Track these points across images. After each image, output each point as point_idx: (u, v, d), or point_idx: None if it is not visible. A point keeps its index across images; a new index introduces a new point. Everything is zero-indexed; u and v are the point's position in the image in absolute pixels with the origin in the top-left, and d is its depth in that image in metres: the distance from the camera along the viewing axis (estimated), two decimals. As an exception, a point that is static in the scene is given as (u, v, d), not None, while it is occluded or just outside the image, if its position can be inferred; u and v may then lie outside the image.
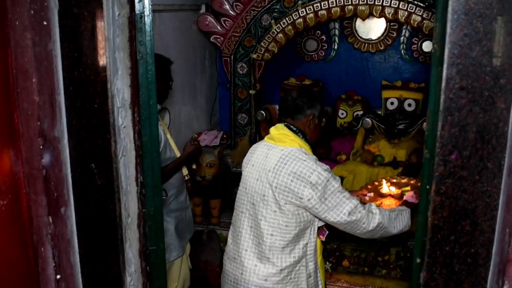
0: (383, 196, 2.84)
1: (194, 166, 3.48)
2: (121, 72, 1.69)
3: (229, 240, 2.54)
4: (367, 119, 4.08)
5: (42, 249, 1.67)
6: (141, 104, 1.82)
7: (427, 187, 1.62)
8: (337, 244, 4.12)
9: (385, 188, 2.89)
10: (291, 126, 2.38)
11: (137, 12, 1.75)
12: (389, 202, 2.76)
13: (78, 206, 1.74)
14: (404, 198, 2.70)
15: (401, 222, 2.42)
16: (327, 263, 4.03)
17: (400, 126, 4.06)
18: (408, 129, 4.04)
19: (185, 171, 3.21)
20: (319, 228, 2.37)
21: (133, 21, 1.74)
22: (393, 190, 2.87)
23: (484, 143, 1.36)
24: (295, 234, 2.30)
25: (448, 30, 1.33)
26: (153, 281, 1.98)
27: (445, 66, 1.35)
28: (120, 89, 1.68)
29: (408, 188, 2.86)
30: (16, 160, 1.60)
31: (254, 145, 2.55)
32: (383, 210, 2.34)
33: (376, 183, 2.98)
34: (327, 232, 2.43)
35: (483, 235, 1.42)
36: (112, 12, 1.62)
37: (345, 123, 4.39)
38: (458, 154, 1.38)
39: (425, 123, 3.87)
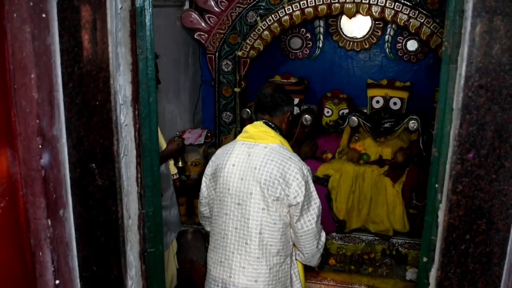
0: None
1: (180, 164, 3.41)
2: (123, 68, 1.62)
3: (211, 244, 2.46)
4: (353, 117, 4.07)
5: (40, 253, 1.59)
6: (140, 101, 1.75)
7: (436, 185, 1.61)
8: (323, 242, 4.10)
9: None
10: (270, 123, 2.40)
11: (137, 5, 1.69)
12: None
13: (76, 208, 1.67)
14: None
15: (318, 258, 2.58)
16: (314, 261, 4.01)
17: (386, 125, 4.07)
18: (393, 128, 4.05)
19: (173, 169, 3.15)
20: None
21: (134, 15, 1.67)
22: None
23: (502, 141, 1.35)
24: (282, 231, 2.30)
25: (468, 27, 1.31)
26: (152, 284, 1.92)
27: (464, 64, 1.34)
28: (122, 85, 1.61)
29: None
30: (13, 160, 1.51)
31: (226, 146, 2.49)
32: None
33: None
34: None
35: (499, 234, 1.42)
36: (114, 5, 1.55)
37: (330, 121, 4.38)
38: (476, 153, 1.37)
39: (411, 122, 3.92)
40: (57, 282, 1.61)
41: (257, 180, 2.25)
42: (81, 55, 1.54)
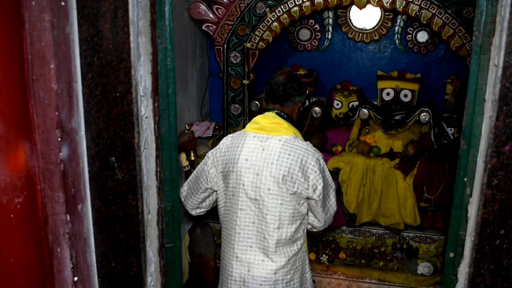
0: None
1: (192, 158, 3.37)
2: (143, 58, 1.57)
3: (225, 239, 2.39)
4: (364, 109, 4.02)
5: (58, 249, 1.55)
6: (159, 93, 1.70)
7: (464, 179, 1.56)
8: (332, 236, 4.07)
9: None
10: (282, 114, 2.33)
11: (157, -6, 1.63)
12: None
13: (95, 202, 1.62)
14: None
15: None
16: (324, 255, 3.98)
17: (397, 117, 4.02)
18: (404, 120, 3.99)
19: (185, 162, 3.10)
20: None
21: (154, 3, 1.62)
22: None
23: (541, 133, 1.30)
24: (299, 222, 2.28)
25: (506, 15, 1.26)
26: (170, 280, 1.88)
27: (502, 53, 1.28)
28: (142, 76, 1.56)
29: None
30: (31, 154, 1.47)
31: (235, 138, 2.36)
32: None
33: None
34: None
35: (535, 230, 1.37)
36: (135, -7, 1.49)
37: (340, 113, 4.32)
38: (513, 146, 1.32)
39: (422, 114, 3.87)
40: (76, 279, 1.57)
41: (274, 176, 2.19)
42: (101, 44, 1.49)
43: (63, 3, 1.43)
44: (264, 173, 2.21)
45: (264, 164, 2.21)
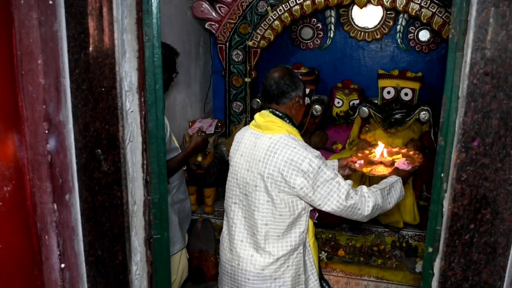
0: (373, 163, 2.76)
1: (200, 158, 3.42)
2: (129, 55, 1.63)
3: (224, 231, 2.49)
4: (364, 108, 4.05)
5: (46, 237, 1.62)
6: (147, 88, 1.76)
7: (442, 175, 1.60)
8: (332, 233, 4.10)
9: (378, 155, 2.81)
10: (277, 112, 2.31)
11: (144, -7, 1.69)
12: (380, 169, 2.69)
13: (82, 193, 1.69)
14: (396, 165, 2.64)
15: (394, 195, 2.39)
16: (323, 252, 4.02)
17: (397, 116, 4.04)
18: (405, 119, 4.02)
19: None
20: (310, 210, 2.36)
21: (140, 2, 1.67)
22: (385, 157, 2.80)
23: (508, 130, 1.33)
24: (289, 222, 2.28)
25: (473, 13, 1.30)
26: (157, 271, 1.94)
27: (469, 51, 1.32)
28: (128, 72, 1.62)
29: (400, 156, 2.80)
30: (20, 145, 1.54)
31: (240, 132, 2.46)
32: (374, 190, 2.29)
33: (367, 152, 2.90)
34: (317, 213, 2.41)
35: (504, 224, 1.40)
36: (120, -8, 1.55)
37: (341, 112, 4.36)
38: (481, 141, 1.35)
39: (422, 113, 3.89)
40: (63, 265, 1.64)
41: (260, 173, 2.23)
42: (88, 41, 1.55)
43: (51, 2, 1.49)
44: (253, 169, 2.25)
45: (254, 161, 2.25)
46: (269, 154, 2.21)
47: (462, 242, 1.44)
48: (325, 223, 4.05)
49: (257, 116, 2.38)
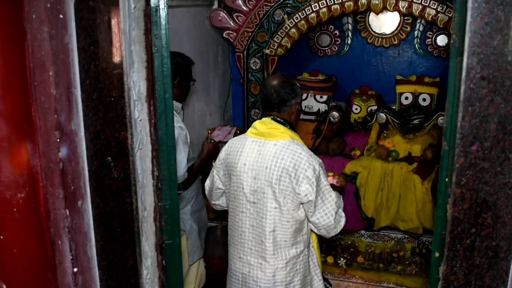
0: None
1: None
2: (137, 65, 1.68)
3: (230, 239, 2.51)
4: (381, 114, 4.05)
5: (59, 242, 1.68)
6: (156, 97, 1.81)
7: (446, 179, 1.60)
8: (351, 240, 4.10)
9: None
10: (278, 119, 2.35)
11: (152, 5, 1.74)
12: None
13: (94, 199, 1.74)
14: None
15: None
16: (342, 259, 4.01)
17: (415, 121, 4.02)
18: (423, 124, 4.00)
19: None
20: None
21: (149, 14, 1.73)
22: None
23: (506, 134, 1.34)
24: (296, 227, 2.32)
25: (469, 19, 1.31)
26: (170, 276, 1.98)
27: (465, 55, 1.33)
28: (136, 82, 1.67)
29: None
30: (34, 153, 1.60)
31: (236, 142, 2.45)
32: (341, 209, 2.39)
33: None
34: None
35: (505, 228, 1.40)
36: (127, 5, 1.61)
37: (359, 118, 4.35)
38: (479, 145, 1.36)
39: (440, 118, 3.86)
40: (75, 269, 1.70)
41: (267, 180, 2.26)
42: (97, 53, 1.62)
43: (61, 16, 1.56)
44: (260, 177, 2.28)
45: (260, 168, 2.28)
46: (275, 160, 2.24)
47: (463, 246, 1.44)
48: (344, 229, 4.04)
49: (257, 124, 2.40)
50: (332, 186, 2.57)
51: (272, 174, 2.24)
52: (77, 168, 1.68)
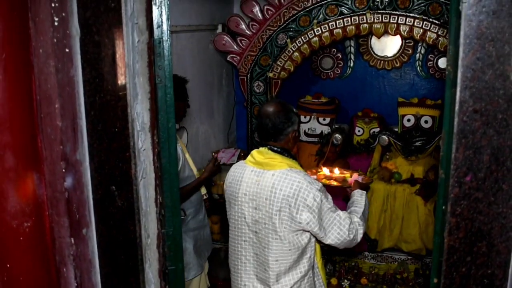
0: (325, 178, 2.88)
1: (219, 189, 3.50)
2: (141, 97, 1.73)
3: (232, 268, 2.52)
4: (383, 136, 4.08)
5: (64, 269, 1.71)
6: (160, 127, 1.86)
7: (443, 207, 1.63)
8: (355, 261, 4.10)
9: (326, 170, 2.97)
10: (275, 148, 2.35)
11: (156, 37, 1.80)
12: (335, 183, 2.82)
13: (99, 227, 1.78)
14: (352, 179, 2.75)
15: (367, 210, 2.49)
16: (345, 280, 4.01)
17: (417, 143, 4.06)
18: (425, 146, 4.03)
19: (203, 190, 3.24)
20: None
21: (152, 46, 1.78)
22: (336, 174, 2.94)
23: (499, 165, 1.37)
24: (298, 254, 2.32)
25: (461, 54, 1.35)
26: (172, 301, 2.01)
27: (458, 89, 1.37)
28: (139, 113, 1.72)
29: (348, 174, 2.90)
30: (40, 183, 1.65)
31: (237, 169, 2.47)
32: (359, 217, 2.36)
33: (314, 171, 3.01)
34: None
35: (500, 256, 1.43)
36: (132, 39, 1.67)
37: (361, 140, 4.39)
38: (473, 176, 1.39)
39: (441, 140, 3.88)
40: (80, 297, 1.73)
41: (268, 211, 2.27)
42: (102, 85, 1.67)
43: (67, 50, 1.61)
44: (261, 208, 2.29)
45: (260, 199, 2.29)
46: (274, 191, 2.24)
47: (460, 274, 1.46)
48: (347, 251, 4.06)
49: (255, 153, 2.41)
50: (357, 183, 2.62)
51: (272, 205, 2.25)
52: (82, 197, 1.72)
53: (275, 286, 2.33)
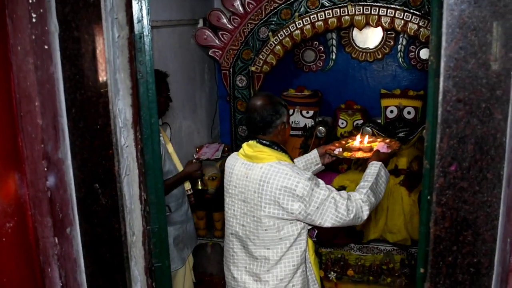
0: (351, 150, 2.88)
1: (199, 187, 3.48)
2: (122, 93, 1.71)
3: (225, 260, 2.55)
4: (367, 128, 4.10)
5: (49, 269, 1.68)
6: (142, 123, 1.84)
7: (428, 197, 1.64)
8: (341, 253, 4.12)
9: (356, 142, 2.95)
10: (264, 141, 2.35)
11: (136, 32, 1.77)
12: (359, 154, 2.81)
13: (83, 226, 1.76)
14: (376, 148, 2.74)
15: (382, 183, 2.45)
16: (332, 272, 4.03)
17: (400, 134, 4.08)
18: (408, 137, 4.05)
19: (187, 185, 3.22)
20: (309, 229, 2.39)
21: (133, 41, 1.76)
22: (364, 144, 2.94)
23: (483, 154, 1.38)
24: (289, 244, 2.32)
25: (444, 43, 1.35)
26: (159, 298, 2.00)
27: (441, 79, 1.37)
28: (121, 109, 1.70)
29: (376, 143, 2.90)
30: (21, 183, 1.61)
31: (230, 161, 2.48)
32: (365, 192, 2.32)
33: (343, 142, 3.02)
34: (316, 231, 2.45)
35: (485, 245, 1.44)
36: (112, 34, 1.64)
37: (345, 132, 4.40)
38: (458, 166, 1.40)
39: (425, 131, 3.91)
40: (66, 297, 1.71)
41: (256, 203, 2.27)
42: (82, 82, 1.64)
43: (46, 47, 1.58)
44: (249, 200, 2.29)
45: (249, 192, 2.29)
46: (262, 184, 2.24)
47: (446, 263, 1.47)
48: (334, 243, 4.07)
49: (245, 146, 2.41)
50: (376, 153, 2.60)
51: (260, 198, 2.25)
52: (65, 196, 1.69)
53: (266, 276, 2.32)
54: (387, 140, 2.86)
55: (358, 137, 2.99)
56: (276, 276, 2.33)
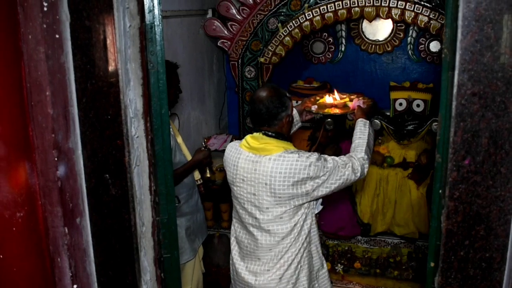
0: (326, 107, 2.98)
1: (208, 175, 3.48)
2: (133, 83, 1.70)
3: (233, 250, 2.55)
4: (376, 120, 4.07)
5: (59, 259, 1.69)
6: (153, 113, 1.83)
7: (440, 191, 1.63)
8: (348, 246, 4.12)
9: (328, 99, 3.07)
10: (270, 133, 2.34)
11: (147, 22, 1.77)
12: (337, 111, 2.93)
13: (93, 216, 1.76)
14: (353, 105, 2.85)
15: (371, 139, 2.59)
16: (339, 264, 4.03)
17: (409, 127, 4.06)
18: (417, 130, 4.03)
19: (197, 175, 3.22)
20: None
21: (144, 31, 1.75)
22: (337, 99, 3.06)
23: (497, 148, 1.36)
24: (296, 233, 2.34)
25: (459, 36, 1.34)
26: (168, 288, 2.00)
27: (456, 72, 1.36)
28: (132, 99, 1.69)
29: (347, 99, 3.02)
30: (32, 172, 1.61)
31: (231, 153, 2.46)
32: (363, 149, 2.46)
33: (313, 99, 3.11)
34: (322, 206, 2.50)
35: (498, 240, 1.43)
36: (123, 24, 1.63)
37: (353, 124, 4.38)
38: (471, 160, 1.38)
39: (434, 124, 3.89)
40: (75, 286, 1.70)
41: (270, 195, 2.27)
42: (93, 72, 1.63)
43: (57, 36, 1.57)
44: (261, 192, 2.28)
45: (259, 185, 2.28)
46: (274, 175, 2.24)
47: (458, 258, 1.46)
48: (340, 235, 4.07)
49: (249, 139, 2.39)
50: (360, 109, 2.73)
51: (273, 189, 2.25)
52: (75, 186, 1.69)
53: (276, 264, 2.35)
54: (360, 98, 2.96)
55: (328, 95, 3.11)
56: (284, 263, 2.35)
